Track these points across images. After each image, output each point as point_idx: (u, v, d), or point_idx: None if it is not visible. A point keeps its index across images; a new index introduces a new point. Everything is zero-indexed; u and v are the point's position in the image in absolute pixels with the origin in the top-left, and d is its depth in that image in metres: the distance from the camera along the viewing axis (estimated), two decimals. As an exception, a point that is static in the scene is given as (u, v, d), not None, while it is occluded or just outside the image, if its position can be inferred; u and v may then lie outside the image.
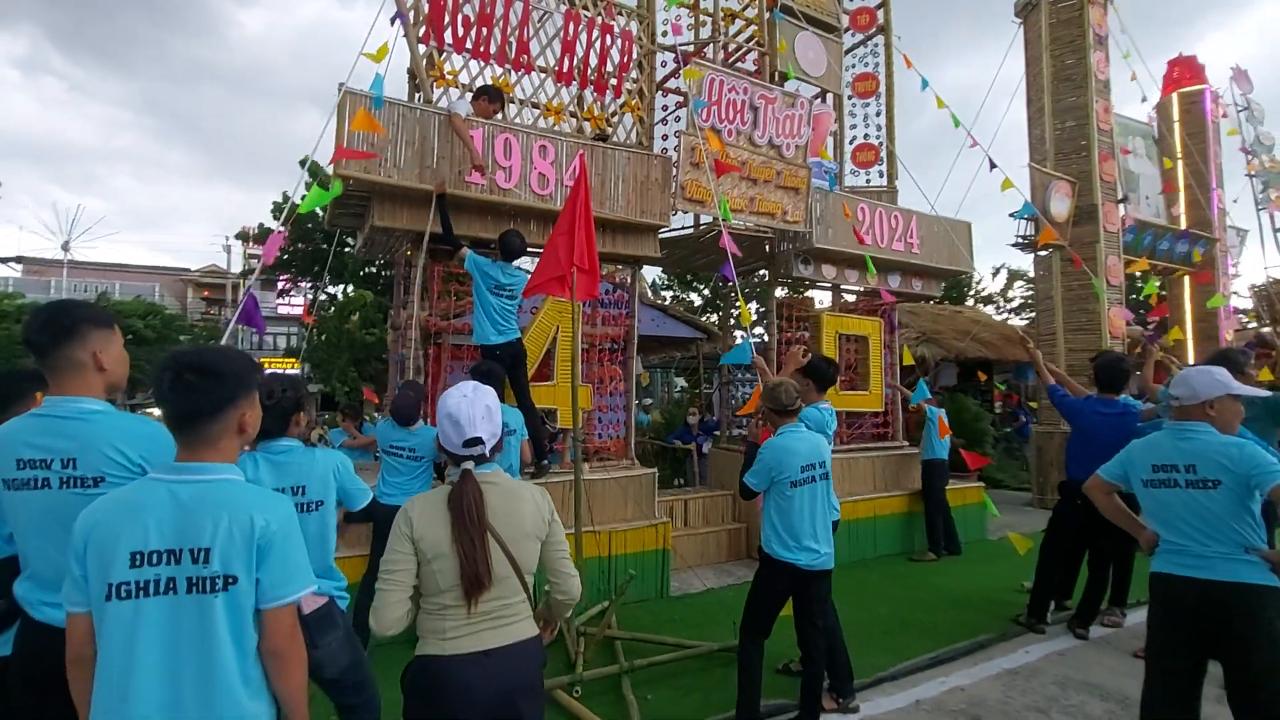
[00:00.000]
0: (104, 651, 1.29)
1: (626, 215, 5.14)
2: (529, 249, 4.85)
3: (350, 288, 15.26)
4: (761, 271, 7.26)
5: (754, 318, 16.74)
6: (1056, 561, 4.39)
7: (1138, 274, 9.32)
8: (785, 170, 5.83)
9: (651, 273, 20.77)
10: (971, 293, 24.58)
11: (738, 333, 15.37)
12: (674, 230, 6.11)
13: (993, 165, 6.98)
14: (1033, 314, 13.09)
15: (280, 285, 20.30)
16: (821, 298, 7.85)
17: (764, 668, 3.05)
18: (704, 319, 14.80)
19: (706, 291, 21.12)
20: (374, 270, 14.72)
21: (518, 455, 4.08)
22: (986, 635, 4.21)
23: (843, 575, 5.45)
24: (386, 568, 1.67)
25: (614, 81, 5.50)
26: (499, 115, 4.85)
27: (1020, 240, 8.89)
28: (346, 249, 9.32)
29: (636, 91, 5.65)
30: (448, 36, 4.83)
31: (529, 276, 4.60)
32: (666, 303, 21.21)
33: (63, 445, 1.73)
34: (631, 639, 3.86)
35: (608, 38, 5.41)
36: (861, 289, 7.06)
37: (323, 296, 15.93)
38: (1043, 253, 9.10)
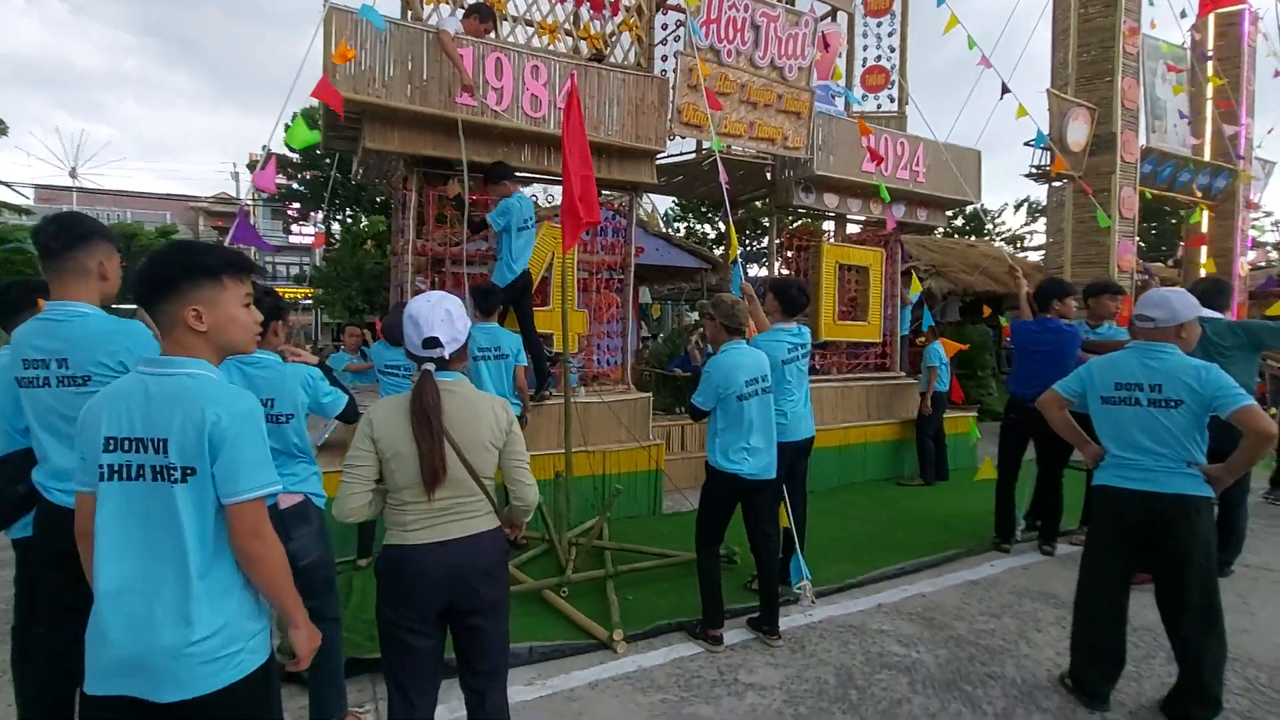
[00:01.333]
0: (96, 527, 1.39)
1: (622, 140, 5.09)
2: (520, 174, 4.87)
3: (362, 218, 15.20)
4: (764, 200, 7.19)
5: (746, 247, 16.65)
6: (1010, 478, 4.58)
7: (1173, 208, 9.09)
8: (787, 94, 5.69)
9: (663, 203, 20.48)
10: (989, 227, 24.03)
11: (752, 267, 15.28)
12: (673, 156, 6.05)
13: (1005, 90, 6.75)
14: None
15: (292, 214, 20.26)
16: (833, 227, 7.76)
17: (734, 585, 3.27)
18: (716, 252, 14.70)
19: (721, 226, 20.86)
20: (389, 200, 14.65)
21: (511, 378, 4.23)
22: (954, 551, 4.42)
23: (830, 497, 5.71)
24: (349, 463, 1.80)
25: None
26: (490, 35, 4.76)
27: (1034, 170, 8.68)
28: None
29: (635, 9, 5.48)
30: (438, -51, 4.69)
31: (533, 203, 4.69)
32: (679, 234, 21.03)
33: (56, 346, 1.88)
34: (619, 549, 4.11)
35: (604, -50, 5.22)
36: (864, 218, 6.99)
37: (335, 225, 15.93)
38: (1056, 184, 8.89)
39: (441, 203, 5.05)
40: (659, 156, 5.73)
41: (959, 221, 21.61)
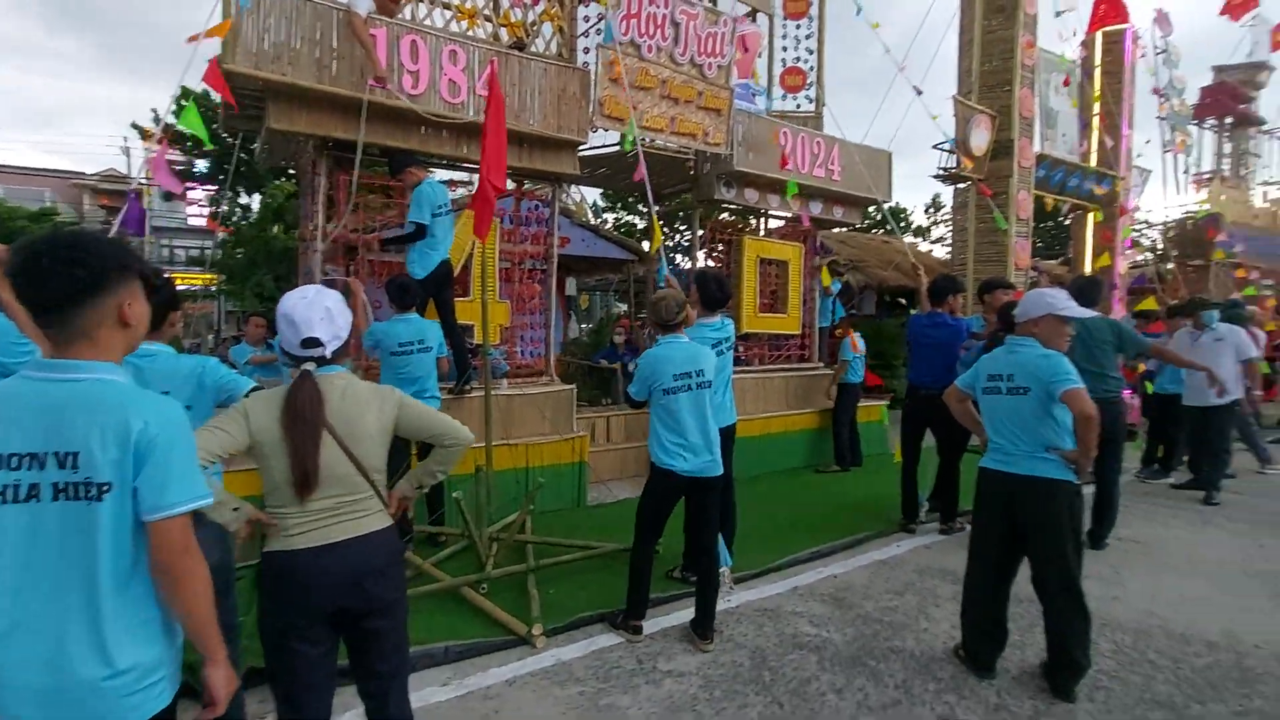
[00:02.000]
0: None
1: (543, 129, 5.03)
2: (440, 159, 4.74)
3: (267, 197, 14.22)
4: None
5: (674, 239, 16.83)
6: (911, 463, 4.88)
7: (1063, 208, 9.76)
8: (707, 91, 5.77)
9: (592, 193, 20.37)
10: (903, 225, 25.26)
11: (679, 257, 15.43)
12: (597, 148, 6.03)
13: (918, 92, 7.11)
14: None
15: (187, 193, 18.78)
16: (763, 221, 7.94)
17: (657, 573, 3.30)
18: (644, 243, 14.76)
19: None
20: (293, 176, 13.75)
21: (434, 370, 4.13)
22: (865, 533, 4.65)
23: (752, 485, 5.87)
24: (213, 422, 1.69)
25: (537, -15, 5.24)
26: (403, 13, 4.59)
27: (942, 172, 9.16)
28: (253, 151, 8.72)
29: (558, 0, 5.41)
30: (348, -78, 4.46)
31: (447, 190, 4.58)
32: (608, 224, 20.96)
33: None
34: (541, 543, 4.09)
35: (527, -65, 5.12)
36: (785, 214, 7.19)
37: (239, 205, 14.90)
38: (962, 185, 9.42)
39: (358, 189, 4.84)
40: (582, 148, 5.71)
41: (879, 218, 22.60)
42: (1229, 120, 15.12)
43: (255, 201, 14.33)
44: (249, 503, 1.73)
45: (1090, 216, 11.19)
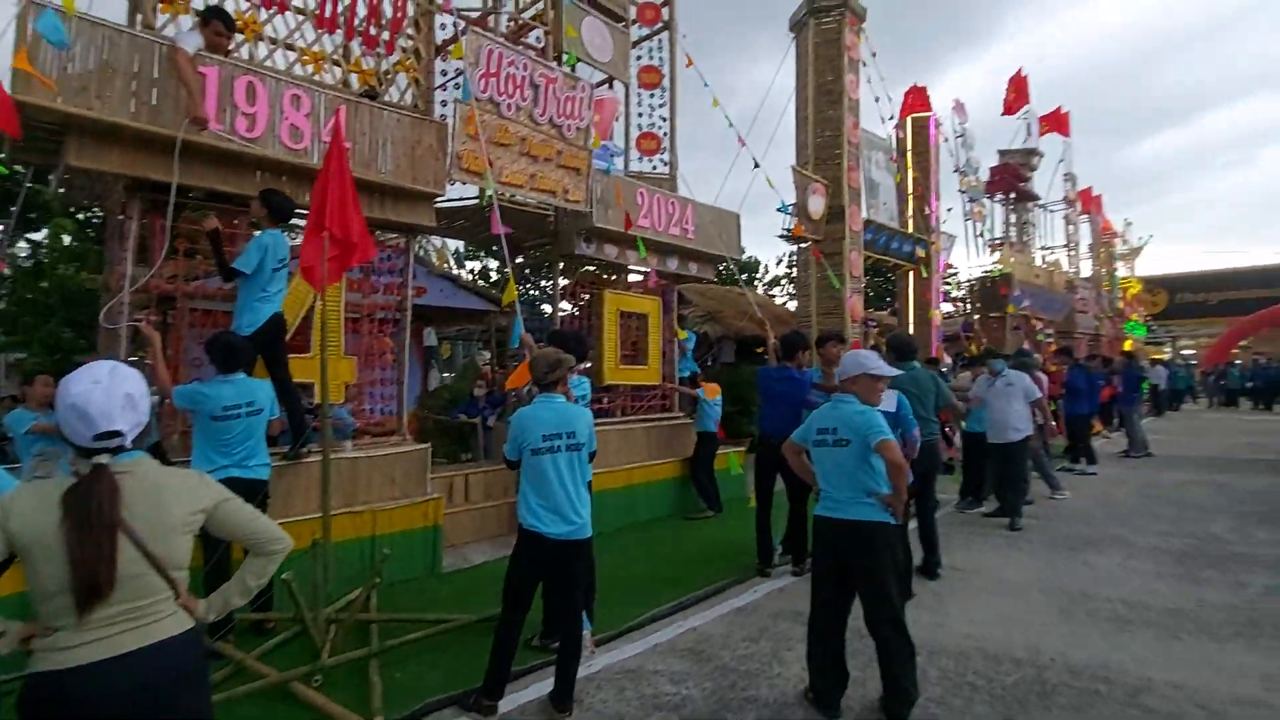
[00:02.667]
0: None
1: (396, 180, 4.89)
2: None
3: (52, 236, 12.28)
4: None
5: (532, 290, 16.93)
6: (765, 509, 5.15)
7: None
8: (566, 150, 5.93)
9: (455, 242, 19.97)
10: (757, 277, 27.15)
11: (545, 307, 15.40)
12: (455, 201, 5.95)
13: (756, 164, 7.76)
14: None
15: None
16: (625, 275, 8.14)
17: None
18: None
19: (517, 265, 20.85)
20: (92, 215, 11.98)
21: (264, 436, 3.76)
22: (725, 581, 4.78)
23: (613, 539, 5.85)
24: None
25: (386, 37, 5.16)
26: (241, 53, 4.32)
27: (785, 233, 10.00)
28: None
29: (413, 51, 5.36)
30: (175, -46, 4.17)
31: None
32: (475, 272, 20.57)
33: None
34: (387, 620, 3.78)
35: (378, -13, 5.05)
36: (645, 269, 7.46)
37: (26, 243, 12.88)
38: (803, 245, 10.32)
39: (174, 234, 4.37)
40: (441, 200, 5.61)
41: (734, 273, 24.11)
42: (1013, 195, 17.90)
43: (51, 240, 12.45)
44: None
45: (911, 274, 12.68)
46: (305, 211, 4.38)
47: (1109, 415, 13.38)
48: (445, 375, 14.35)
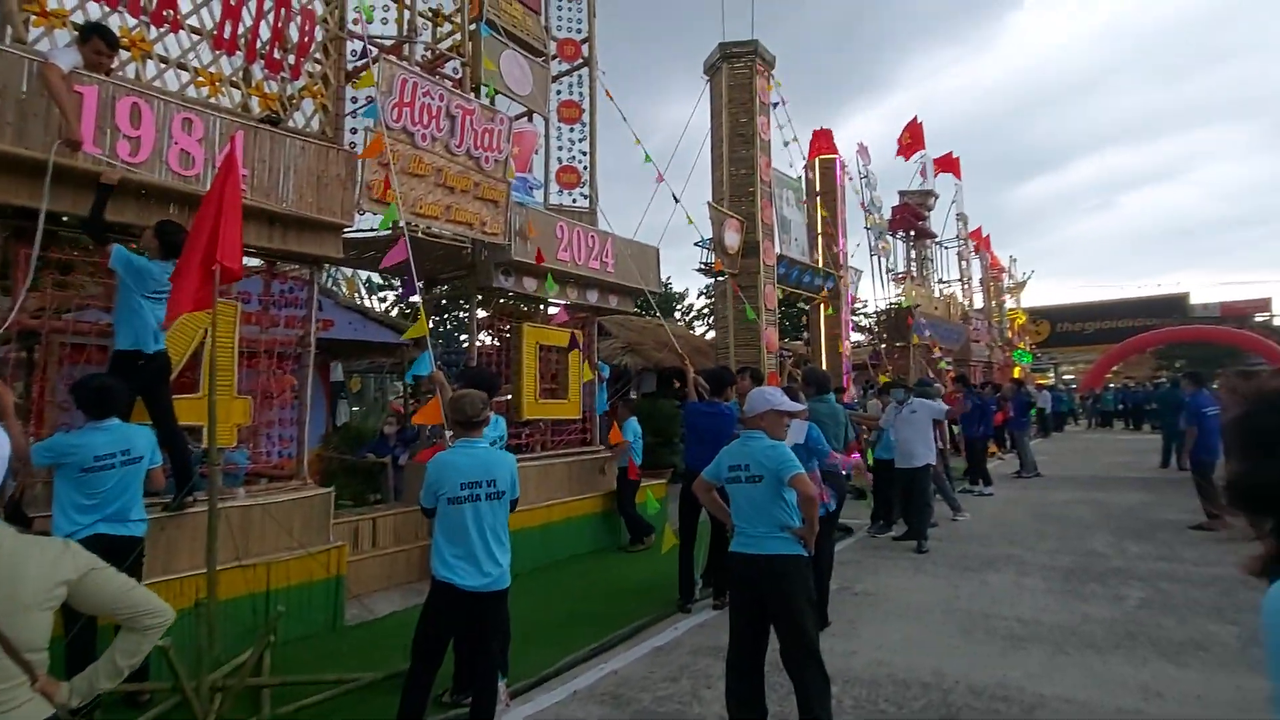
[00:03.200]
0: None
1: (299, 210, 4.67)
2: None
3: None
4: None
5: (448, 322, 16.54)
6: (689, 544, 5.15)
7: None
8: (484, 182, 5.86)
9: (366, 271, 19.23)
10: (679, 308, 27.62)
11: (463, 337, 15.02)
12: (367, 232, 5.74)
13: (676, 200, 7.95)
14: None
15: None
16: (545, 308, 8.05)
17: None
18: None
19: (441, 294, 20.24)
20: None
21: (140, 488, 3.41)
22: (646, 618, 4.72)
23: (533, 578, 5.69)
24: None
25: (292, 61, 4.97)
26: (125, 71, 4.04)
27: (703, 266, 10.26)
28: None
29: (320, 76, 5.18)
30: (51, -36, 3.88)
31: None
32: (386, 302, 19.83)
33: None
34: (281, 683, 3.49)
35: (283, 11, 4.87)
36: (564, 302, 7.43)
37: None
38: (720, 278, 10.60)
39: (42, 264, 3.98)
40: (352, 230, 5.40)
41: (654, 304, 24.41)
42: (912, 232, 19.16)
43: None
44: None
45: (822, 306, 13.25)
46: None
47: (1002, 438, 14.35)
48: (355, 409, 13.69)
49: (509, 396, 6.55)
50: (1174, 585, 5.38)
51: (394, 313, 17.11)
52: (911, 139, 19.41)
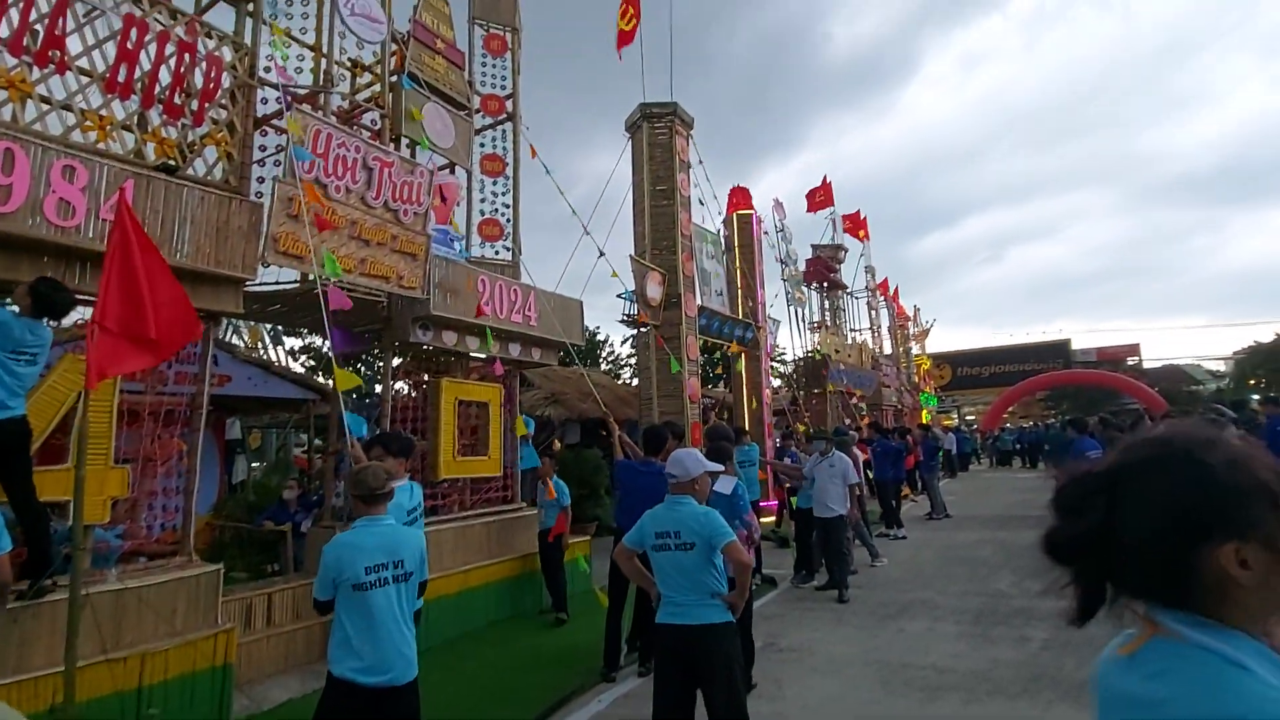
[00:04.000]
0: None
1: (196, 264, 4.38)
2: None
3: None
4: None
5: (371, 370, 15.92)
6: (616, 611, 4.97)
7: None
8: (402, 235, 5.72)
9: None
10: (604, 355, 27.69)
11: (377, 386, 14.40)
12: (269, 285, 5.45)
13: (600, 253, 8.03)
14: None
15: None
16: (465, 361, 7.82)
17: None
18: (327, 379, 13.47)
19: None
20: None
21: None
22: (568, 689, 4.52)
23: (446, 652, 5.36)
24: None
25: (194, 107, 4.74)
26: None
27: (626, 318, 10.34)
28: None
29: (226, 124, 4.96)
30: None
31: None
32: (293, 351, 18.82)
33: None
34: (152, 794, 3.08)
35: (187, 57, 4.67)
36: (485, 355, 7.27)
37: None
38: (644, 329, 10.72)
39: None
40: (255, 283, 5.11)
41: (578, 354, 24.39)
42: (825, 284, 20.15)
43: None
44: None
45: (743, 356, 13.61)
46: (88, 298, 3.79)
47: (914, 481, 15.01)
48: (256, 464, 12.75)
49: (423, 455, 6.27)
50: (1072, 625, 5.68)
51: (300, 360, 16.23)
52: (822, 196, 20.64)
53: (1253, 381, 33.07)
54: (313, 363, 16.35)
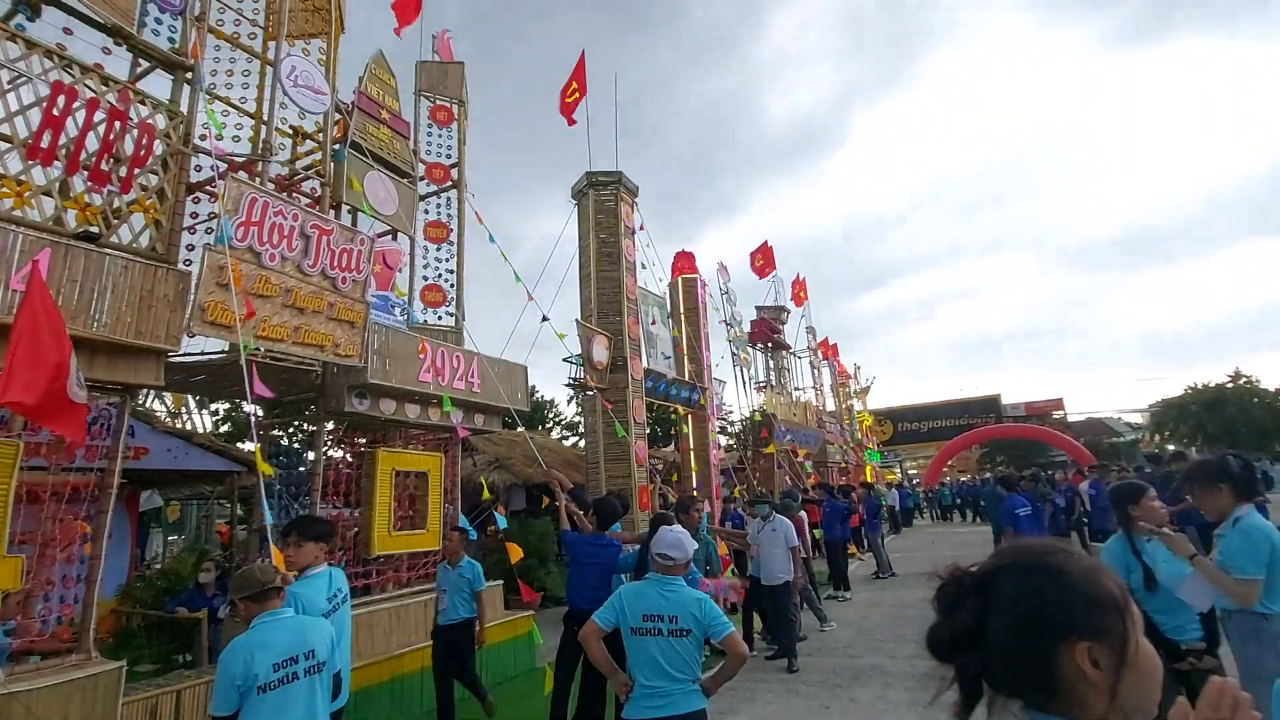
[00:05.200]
0: None
1: (115, 335, 4.17)
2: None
3: None
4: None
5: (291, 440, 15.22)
6: (564, 691, 4.73)
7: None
8: (340, 303, 5.61)
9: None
10: (551, 417, 27.38)
11: (309, 454, 13.71)
12: (194, 355, 5.22)
13: (544, 319, 8.05)
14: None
15: None
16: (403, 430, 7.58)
17: None
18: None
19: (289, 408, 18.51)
20: None
21: None
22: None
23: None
24: None
25: (122, 173, 4.61)
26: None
27: (572, 381, 10.31)
28: None
29: (156, 191, 4.83)
30: None
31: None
32: (217, 416, 17.87)
33: None
34: None
35: (117, 124, 4.57)
36: (425, 423, 7.08)
37: None
38: (590, 393, 10.69)
39: None
40: (178, 354, 4.89)
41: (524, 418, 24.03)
42: (770, 345, 20.68)
43: None
44: None
45: (690, 417, 13.68)
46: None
47: (860, 539, 15.14)
48: (173, 538, 11.87)
49: (356, 530, 5.98)
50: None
51: (225, 427, 15.38)
52: (764, 260, 21.41)
53: (1168, 434, 35.27)
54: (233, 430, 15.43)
